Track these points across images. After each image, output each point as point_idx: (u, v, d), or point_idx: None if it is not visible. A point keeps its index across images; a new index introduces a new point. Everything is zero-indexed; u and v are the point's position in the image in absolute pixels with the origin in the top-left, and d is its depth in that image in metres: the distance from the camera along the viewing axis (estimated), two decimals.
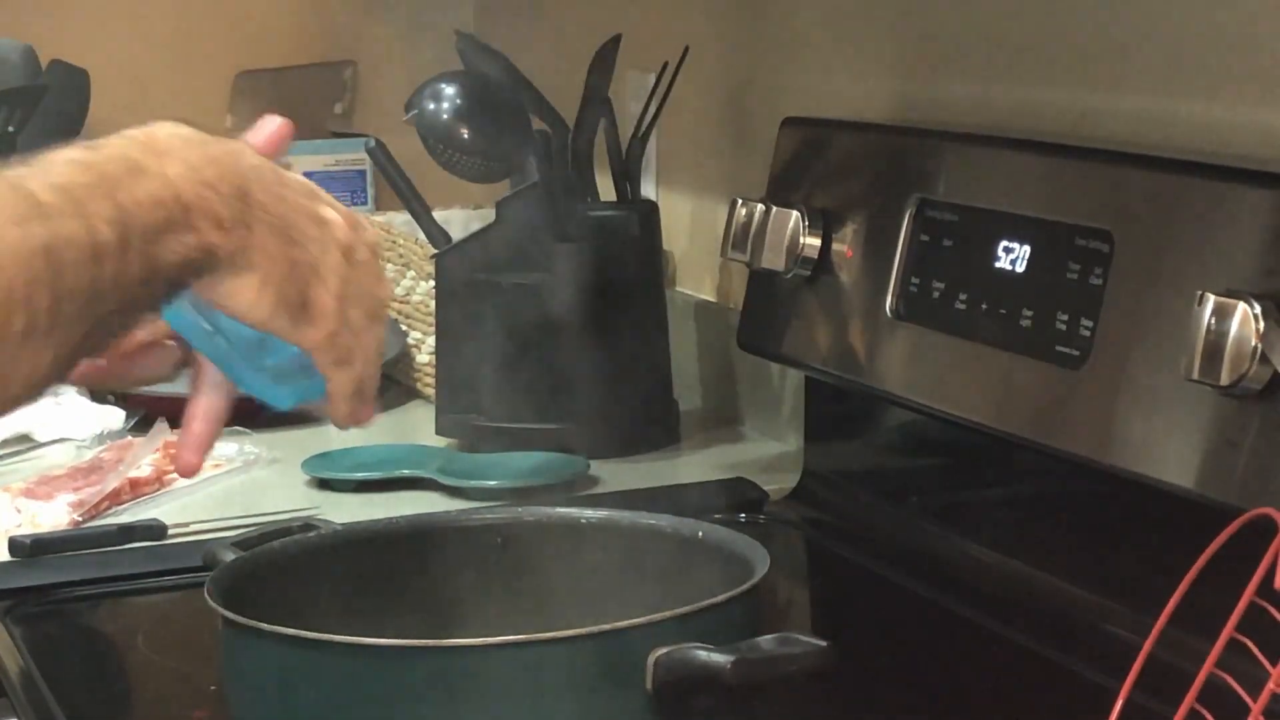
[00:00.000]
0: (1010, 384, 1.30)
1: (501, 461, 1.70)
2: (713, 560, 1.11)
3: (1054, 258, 1.27)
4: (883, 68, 1.62)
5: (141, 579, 1.46)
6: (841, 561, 1.51)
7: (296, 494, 1.67)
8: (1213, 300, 1.08)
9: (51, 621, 1.41)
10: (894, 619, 1.39)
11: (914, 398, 1.42)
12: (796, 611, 1.47)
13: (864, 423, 1.59)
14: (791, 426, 1.74)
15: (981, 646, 1.31)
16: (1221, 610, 0.89)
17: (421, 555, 1.19)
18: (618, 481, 1.68)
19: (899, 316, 1.43)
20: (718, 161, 1.92)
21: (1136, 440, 1.18)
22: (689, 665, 0.96)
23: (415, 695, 0.97)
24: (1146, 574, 1.16)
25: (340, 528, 1.22)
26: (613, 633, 0.98)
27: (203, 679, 1.24)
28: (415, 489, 1.67)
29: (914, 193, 1.42)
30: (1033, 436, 1.28)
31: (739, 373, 1.87)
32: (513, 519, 1.21)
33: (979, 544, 1.41)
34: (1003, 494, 1.44)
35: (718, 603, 1.01)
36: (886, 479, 1.57)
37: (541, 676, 0.97)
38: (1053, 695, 1.21)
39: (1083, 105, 1.40)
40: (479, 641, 0.99)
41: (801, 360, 1.57)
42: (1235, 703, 0.87)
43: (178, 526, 1.55)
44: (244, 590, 1.07)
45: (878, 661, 1.27)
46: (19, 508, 1.58)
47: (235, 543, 1.17)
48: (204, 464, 1.02)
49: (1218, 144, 1.26)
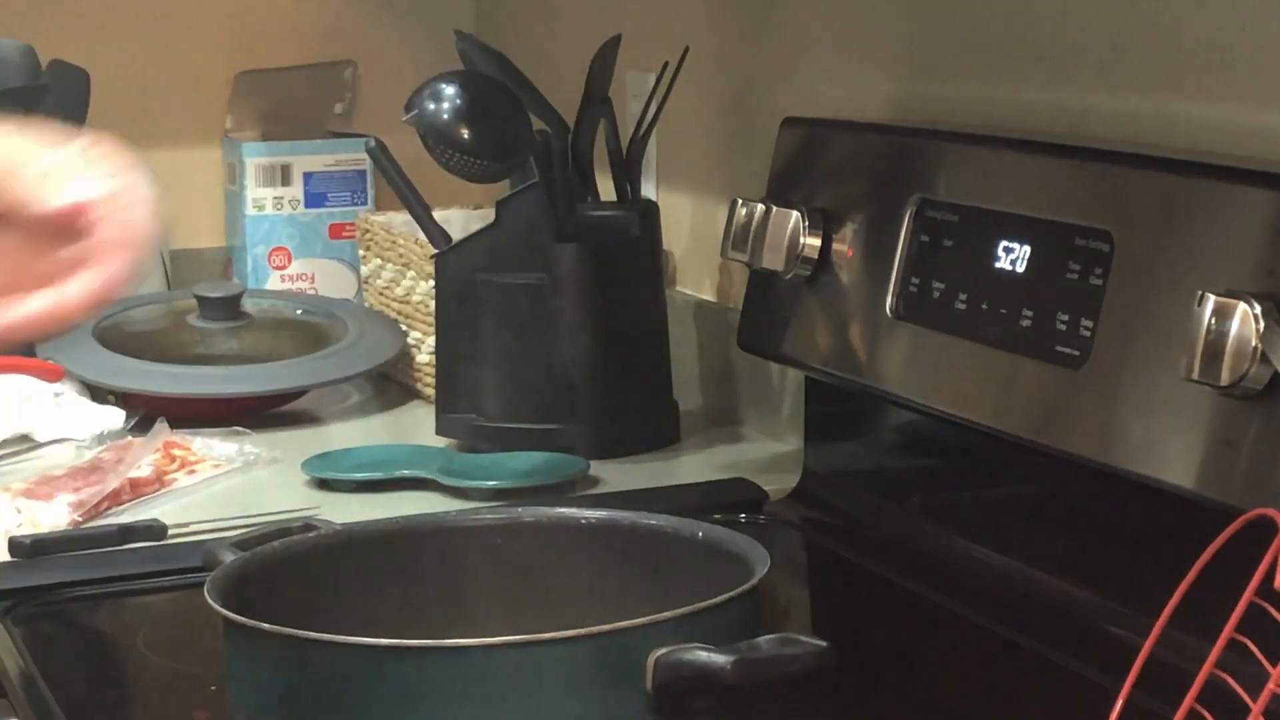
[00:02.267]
0: (1010, 384, 1.30)
1: (501, 461, 1.70)
2: (713, 560, 1.11)
3: (1054, 258, 1.27)
4: (883, 68, 1.62)
5: (141, 579, 1.45)
6: (841, 561, 1.51)
7: (296, 494, 1.67)
8: (1213, 300, 1.08)
9: (51, 621, 1.41)
10: (894, 619, 1.39)
11: (914, 398, 1.42)
12: (796, 611, 1.47)
13: (864, 423, 1.59)
14: (791, 426, 1.74)
15: (981, 646, 1.31)
16: (1221, 610, 0.89)
17: (421, 555, 1.19)
18: (618, 481, 1.68)
19: (899, 316, 1.43)
20: (718, 161, 1.92)
21: (1136, 440, 1.18)
22: (689, 665, 0.96)
23: (415, 695, 0.97)
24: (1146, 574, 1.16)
25: (340, 528, 1.22)
26: (613, 633, 0.98)
27: (203, 679, 1.24)
28: (415, 489, 1.67)
29: (914, 193, 1.42)
30: (1033, 436, 1.28)
31: (739, 373, 1.87)
32: (513, 519, 1.21)
33: (979, 544, 1.41)
34: (1003, 494, 1.44)
35: (718, 603, 1.01)
36: (886, 479, 1.57)
37: (541, 676, 0.97)
38: (1053, 695, 1.21)
39: (1083, 105, 1.40)
40: (479, 641, 0.99)
41: (801, 360, 1.57)
42: (1235, 703, 0.87)
43: (178, 526, 1.55)
44: (244, 590, 1.07)
45: (878, 661, 1.27)
46: (19, 508, 1.58)
47: (235, 543, 1.17)
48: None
49: (1218, 144, 1.26)
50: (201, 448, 1.77)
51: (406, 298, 2.04)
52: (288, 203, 2.29)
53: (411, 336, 2.02)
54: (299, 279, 2.29)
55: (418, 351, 2.01)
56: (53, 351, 1.95)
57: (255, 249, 2.29)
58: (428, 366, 1.97)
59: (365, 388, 2.07)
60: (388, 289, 2.08)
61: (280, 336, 2.03)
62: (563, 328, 1.76)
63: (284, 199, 2.29)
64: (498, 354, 1.77)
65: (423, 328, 1.98)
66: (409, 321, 2.03)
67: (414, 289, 2.02)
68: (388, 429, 1.95)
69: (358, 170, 2.30)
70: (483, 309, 1.77)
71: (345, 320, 2.05)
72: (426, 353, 1.97)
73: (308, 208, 2.30)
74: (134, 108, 2.33)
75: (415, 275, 2.01)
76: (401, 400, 2.03)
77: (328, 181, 2.30)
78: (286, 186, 2.29)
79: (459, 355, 1.79)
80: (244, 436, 1.82)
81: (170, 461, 1.72)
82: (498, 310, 1.77)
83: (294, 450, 1.77)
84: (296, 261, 2.30)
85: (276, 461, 1.77)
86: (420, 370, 2.01)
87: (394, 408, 2.01)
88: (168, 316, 2.07)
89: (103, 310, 0.97)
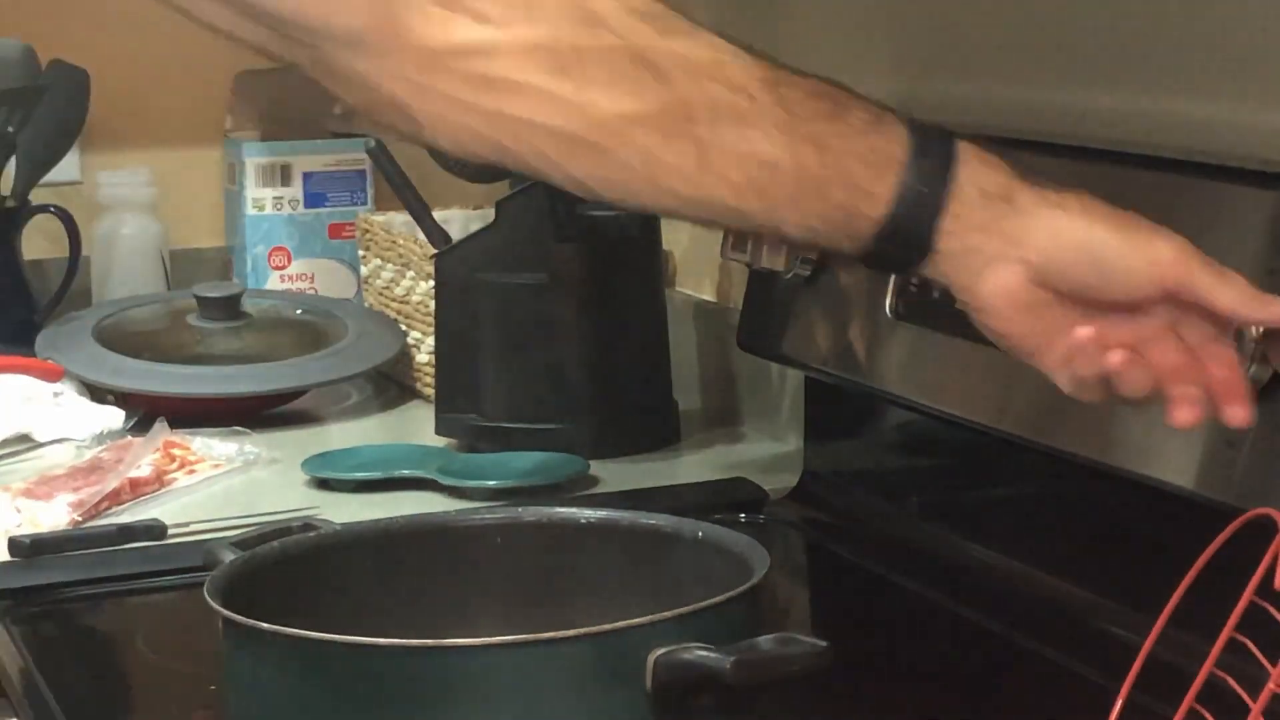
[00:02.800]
0: (1010, 384, 1.30)
1: (501, 461, 1.70)
2: (713, 560, 1.11)
3: None
4: (883, 68, 1.62)
5: (141, 579, 1.45)
6: (841, 561, 1.51)
7: (296, 494, 1.67)
8: None
9: (51, 621, 1.41)
10: (894, 619, 1.39)
11: (914, 398, 1.42)
12: (796, 611, 1.47)
13: (864, 423, 1.59)
14: (791, 426, 1.74)
15: (981, 646, 1.31)
16: (1221, 610, 0.89)
17: (421, 555, 1.18)
18: (618, 481, 1.68)
19: (899, 316, 1.43)
20: None
21: (1136, 440, 1.18)
22: (689, 665, 0.96)
23: (415, 695, 0.97)
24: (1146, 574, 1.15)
25: (340, 528, 1.22)
26: (613, 633, 0.98)
27: (203, 679, 1.23)
28: (415, 489, 1.67)
29: None
30: (1033, 436, 1.28)
31: (739, 373, 1.87)
32: (513, 519, 1.21)
33: (979, 544, 1.41)
34: (1003, 494, 1.43)
35: (718, 603, 1.01)
36: (886, 479, 1.57)
37: (541, 676, 0.97)
38: (1053, 695, 1.21)
39: (1083, 105, 1.40)
40: (479, 641, 0.99)
41: (801, 360, 1.57)
42: (1235, 703, 0.87)
43: (178, 526, 1.55)
44: (244, 590, 1.07)
45: (878, 661, 1.27)
46: (19, 508, 1.58)
47: (235, 543, 1.16)
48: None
49: (1218, 144, 1.26)
50: (201, 448, 1.77)
51: (406, 298, 2.04)
52: (287, 203, 2.29)
53: (411, 336, 2.02)
54: (299, 279, 2.29)
55: (417, 351, 2.01)
56: (53, 351, 1.95)
57: (255, 249, 2.28)
58: (427, 366, 1.97)
59: (365, 388, 2.07)
60: (387, 289, 2.08)
61: (280, 336, 2.03)
62: (563, 328, 1.76)
63: (284, 199, 2.29)
64: (498, 354, 1.77)
65: (422, 328, 1.98)
66: (409, 321, 2.03)
67: (414, 289, 2.02)
68: (388, 429, 1.95)
69: (357, 170, 2.30)
70: (483, 309, 1.77)
71: (345, 320, 2.05)
72: (426, 353, 1.97)
73: (307, 208, 2.29)
74: (134, 108, 2.33)
75: (415, 275, 2.01)
76: (401, 400, 2.03)
77: (327, 181, 2.30)
78: (286, 186, 2.29)
79: (459, 355, 1.79)
80: (244, 436, 1.82)
81: (170, 461, 1.72)
82: (498, 310, 1.77)
83: (294, 450, 1.77)
84: (296, 261, 2.29)
85: (276, 461, 1.77)
86: (420, 370, 2.01)
87: (394, 408, 2.01)
88: (168, 316, 2.07)
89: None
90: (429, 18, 0.94)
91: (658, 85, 0.95)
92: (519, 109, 0.95)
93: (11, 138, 2.14)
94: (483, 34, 0.94)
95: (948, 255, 0.98)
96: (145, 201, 2.28)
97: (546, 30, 0.94)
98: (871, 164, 0.96)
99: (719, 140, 0.95)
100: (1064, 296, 0.98)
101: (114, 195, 2.27)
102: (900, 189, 0.96)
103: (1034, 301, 0.98)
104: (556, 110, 0.95)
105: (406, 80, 0.96)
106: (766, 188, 0.96)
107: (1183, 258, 0.97)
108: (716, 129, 0.95)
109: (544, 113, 0.95)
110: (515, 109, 0.95)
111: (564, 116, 0.95)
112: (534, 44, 0.94)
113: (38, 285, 2.22)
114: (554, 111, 0.95)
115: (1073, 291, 0.97)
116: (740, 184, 0.96)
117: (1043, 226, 0.97)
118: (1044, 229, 0.97)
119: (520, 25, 0.94)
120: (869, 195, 0.96)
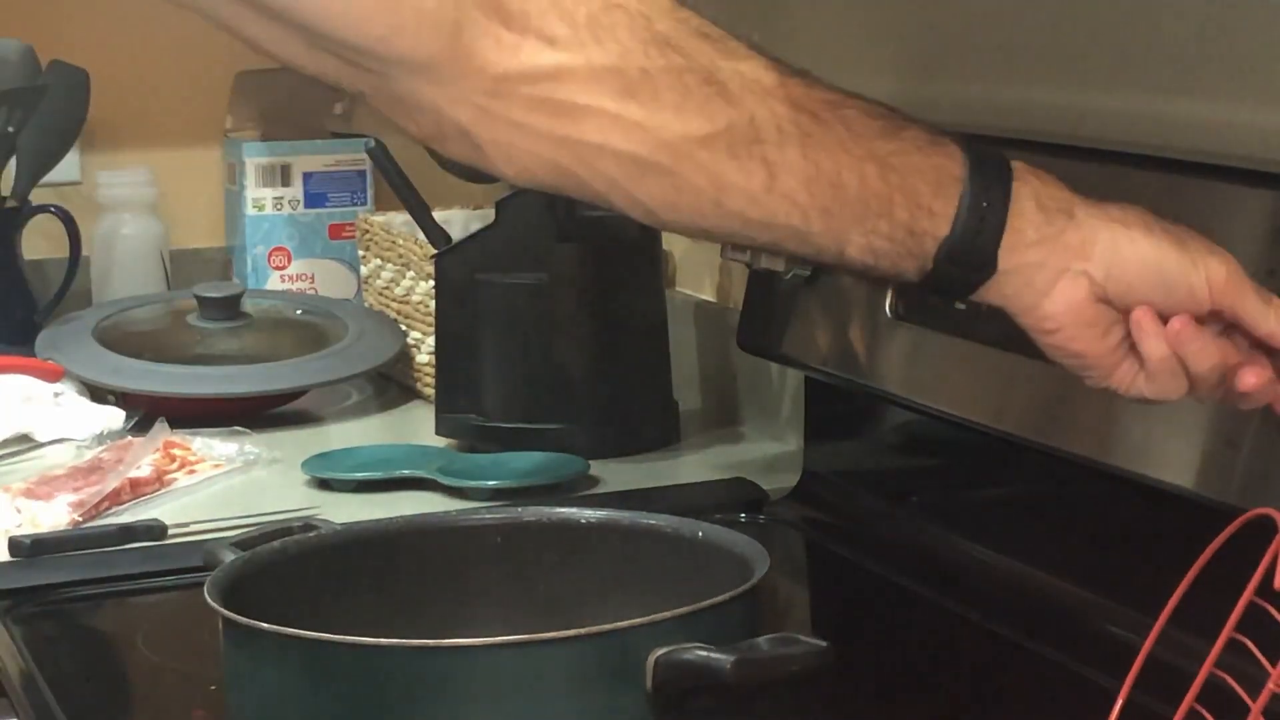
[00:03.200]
0: (1010, 384, 1.30)
1: (501, 461, 1.70)
2: (713, 560, 1.11)
3: None
4: (883, 68, 1.62)
5: (141, 579, 1.45)
6: (841, 561, 1.51)
7: (296, 494, 1.67)
8: None
9: (51, 621, 1.41)
10: (894, 619, 1.39)
11: (914, 398, 1.42)
12: (796, 611, 1.47)
13: (864, 423, 1.59)
14: (791, 426, 1.74)
15: (981, 646, 1.31)
16: (1221, 610, 0.89)
17: (421, 555, 1.18)
18: (618, 481, 1.68)
19: (899, 316, 1.43)
20: None
21: (1136, 440, 1.18)
22: (689, 665, 0.96)
23: (415, 695, 0.97)
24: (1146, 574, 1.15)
25: (340, 528, 1.22)
26: (613, 633, 0.98)
27: (203, 679, 1.24)
28: (415, 489, 1.67)
29: None
30: (1033, 436, 1.28)
31: (739, 373, 1.87)
32: (513, 519, 1.21)
33: (979, 544, 1.41)
34: (1003, 494, 1.44)
35: (718, 603, 1.01)
36: (886, 479, 1.57)
37: (541, 676, 0.97)
38: (1053, 695, 1.21)
39: (1083, 105, 1.40)
40: (479, 641, 0.99)
41: (801, 360, 1.57)
42: (1235, 703, 0.87)
43: (178, 526, 1.55)
44: (244, 590, 1.07)
45: (878, 661, 1.27)
46: (19, 508, 1.58)
47: (235, 543, 1.16)
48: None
49: (1218, 144, 1.26)
50: (201, 448, 1.77)
51: (406, 298, 2.04)
52: (287, 203, 2.29)
53: (411, 336, 2.02)
54: (299, 279, 2.29)
55: (417, 351, 2.01)
56: (53, 351, 1.95)
57: (255, 249, 2.29)
58: (428, 366, 1.97)
59: (365, 388, 2.07)
60: (387, 289, 2.08)
61: (280, 336, 2.03)
62: (563, 328, 1.76)
63: (284, 199, 2.29)
64: (498, 354, 1.77)
65: (422, 328, 1.98)
66: (409, 321, 2.03)
67: (414, 289, 2.02)
68: (388, 429, 1.95)
69: (357, 170, 2.30)
70: (482, 309, 1.77)
71: (345, 320, 2.05)
72: (426, 353, 1.97)
73: (307, 208, 2.30)
74: (134, 108, 2.33)
75: (415, 275, 2.01)
76: (401, 400, 2.03)
77: (327, 182, 2.30)
78: (286, 187, 2.29)
79: (459, 355, 1.79)
80: (244, 436, 1.82)
81: (170, 461, 1.72)
82: (498, 310, 1.77)
83: (294, 450, 1.77)
84: (296, 262, 2.30)
85: (276, 461, 1.77)
86: (420, 370, 2.01)
87: (394, 408, 2.01)
88: (168, 316, 2.07)
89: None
90: (499, 42, 0.92)
91: (726, 106, 0.94)
92: (588, 133, 0.94)
93: (12, 138, 2.14)
94: (552, 58, 0.93)
95: (1010, 274, 0.96)
96: (145, 201, 2.28)
97: (616, 52, 0.93)
98: (932, 182, 0.95)
99: (786, 161, 0.94)
100: (1124, 314, 0.97)
101: (114, 195, 2.27)
102: (963, 206, 0.95)
103: (1100, 317, 0.97)
104: (627, 133, 0.94)
105: (474, 106, 0.94)
106: (832, 208, 0.95)
107: (1235, 279, 0.97)
108: (784, 150, 0.94)
109: (614, 136, 0.94)
110: (584, 133, 0.94)
111: (634, 140, 0.94)
112: (603, 67, 0.93)
113: (38, 285, 2.23)
114: (624, 135, 0.94)
115: (1134, 306, 0.97)
116: (806, 205, 0.95)
117: (1104, 239, 0.96)
118: (1105, 242, 0.96)
119: (590, 48, 0.93)
120: (932, 214, 0.95)
